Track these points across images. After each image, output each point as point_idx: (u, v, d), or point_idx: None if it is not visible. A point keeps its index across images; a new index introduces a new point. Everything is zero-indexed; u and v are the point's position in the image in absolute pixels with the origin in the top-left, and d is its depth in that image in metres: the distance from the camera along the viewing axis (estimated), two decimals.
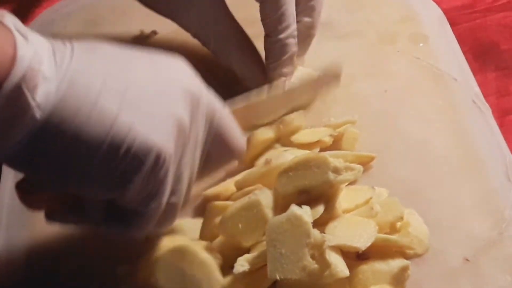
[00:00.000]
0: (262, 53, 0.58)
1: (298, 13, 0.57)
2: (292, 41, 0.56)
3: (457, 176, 0.54)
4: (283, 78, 0.57)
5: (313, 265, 0.42)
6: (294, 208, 0.44)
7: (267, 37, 0.56)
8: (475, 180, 0.54)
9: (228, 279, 0.45)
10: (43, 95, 0.37)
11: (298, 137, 0.55)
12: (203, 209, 0.50)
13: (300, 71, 0.59)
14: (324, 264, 0.42)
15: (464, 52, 0.65)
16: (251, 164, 0.54)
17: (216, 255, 0.46)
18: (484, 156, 0.55)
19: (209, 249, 0.46)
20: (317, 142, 0.54)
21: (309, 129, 0.56)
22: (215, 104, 0.45)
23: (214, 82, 0.47)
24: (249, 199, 0.46)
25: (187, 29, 0.59)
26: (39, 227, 0.51)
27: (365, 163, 0.54)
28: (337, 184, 0.46)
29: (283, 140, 0.55)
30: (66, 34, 0.69)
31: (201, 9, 0.57)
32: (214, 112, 0.44)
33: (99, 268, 0.50)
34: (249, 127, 0.54)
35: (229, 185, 0.52)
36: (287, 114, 0.56)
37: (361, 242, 0.44)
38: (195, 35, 0.59)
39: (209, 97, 0.44)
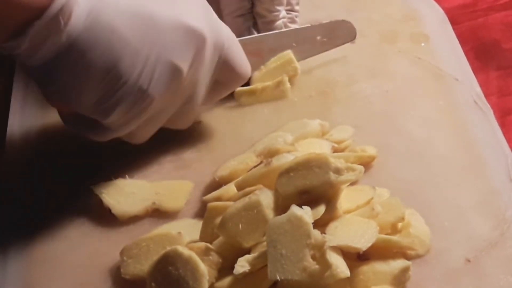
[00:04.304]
0: None
1: None
2: None
3: (459, 177, 0.54)
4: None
5: (313, 265, 0.42)
6: (294, 209, 0.43)
7: None
8: (476, 181, 0.54)
9: (228, 280, 0.45)
10: (73, 23, 0.43)
11: None
12: (203, 210, 0.50)
13: None
14: (325, 265, 0.42)
15: (466, 52, 0.65)
16: None
17: (214, 256, 0.46)
18: (486, 156, 0.55)
19: (206, 251, 0.46)
20: None
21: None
22: (222, 36, 0.51)
23: None
24: (249, 199, 0.46)
25: None
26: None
27: (366, 163, 0.54)
28: (338, 184, 0.46)
29: None
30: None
31: None
32: (223, 44, 0.51)
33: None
34: (262, 59, 0.61)
35: (229, 188, 0.51)
36: (301, 57, 0.61)
37: (362, 243, 0.44)
38: None
39: (216, 33, 0.50)
